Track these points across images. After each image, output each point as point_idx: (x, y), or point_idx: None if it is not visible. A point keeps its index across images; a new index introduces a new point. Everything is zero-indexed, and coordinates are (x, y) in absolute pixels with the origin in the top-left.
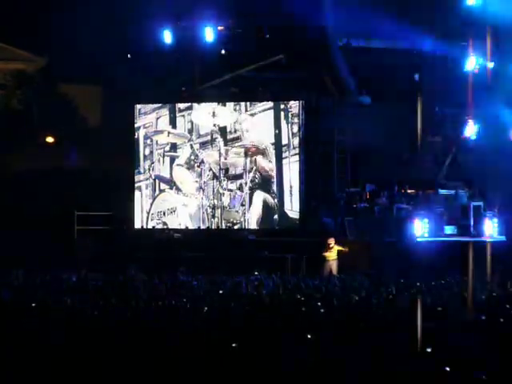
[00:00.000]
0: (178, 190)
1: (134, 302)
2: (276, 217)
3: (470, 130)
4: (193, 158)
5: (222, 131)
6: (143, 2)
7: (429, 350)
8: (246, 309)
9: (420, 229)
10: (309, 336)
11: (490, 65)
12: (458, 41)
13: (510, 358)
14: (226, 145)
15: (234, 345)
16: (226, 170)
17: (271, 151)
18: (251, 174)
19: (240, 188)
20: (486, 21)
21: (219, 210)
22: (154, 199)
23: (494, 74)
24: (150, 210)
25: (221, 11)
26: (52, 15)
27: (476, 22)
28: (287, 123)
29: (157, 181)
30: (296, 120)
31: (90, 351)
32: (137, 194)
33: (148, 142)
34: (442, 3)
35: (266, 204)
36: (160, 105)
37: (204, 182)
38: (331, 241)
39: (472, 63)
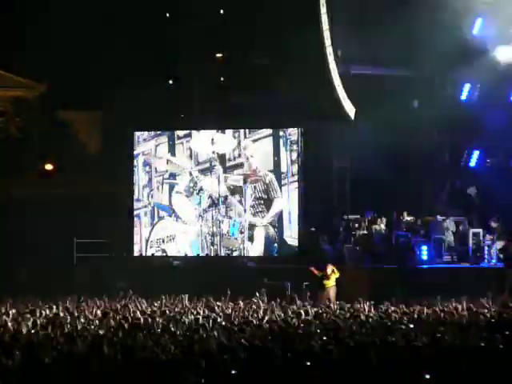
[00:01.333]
0: (177, 217)
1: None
2: (275, 244)
3: (469, 156)
4: (192, 185)
5: (221, 158)
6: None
7: None
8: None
9: (419, 255)
10: None
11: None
12: (458, 68)
13: None
14: (225, 172)
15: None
16: (225, 197)
17: (270, 178)
18: (250, 202)
19: (239, 215)
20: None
21: (218, 237)
22: (153, 226)
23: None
24: (149, 237)
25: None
26: (51, 41)
27: (475, 51)
28: (286, 150)
29: (156, 208)
30: (295, 147)
31: None
32: (135, 221)
33: (147, 169)
34: (440, 30)
35: (267, 236)
36: (159, 132)
37: (203, 210)
38: (330, 268)
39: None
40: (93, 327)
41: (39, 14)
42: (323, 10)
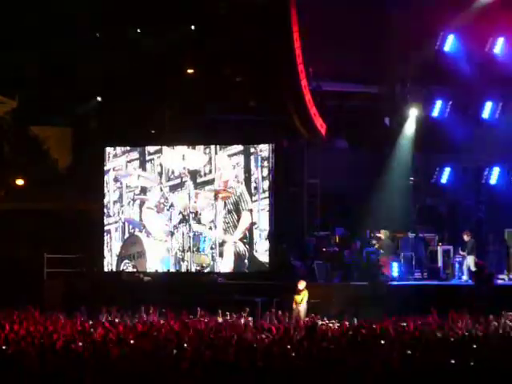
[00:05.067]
0: (148, 233)
1: None
2: (246, 261)
3: (440, 173)
4: (162, 201)
5: (192, 174)
6: None
7: None
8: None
9: (390, 272)
10: None
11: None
12: (430, 85)
13: None
14: (195, 188)
15: None
16: (196, 213)
17: (241, 193)
18: (221, 218)
19: (210, 230)
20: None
21: (189, 253)
22: (123, 242)
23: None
24: (120, 252)
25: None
26: (22, 56)
27: (448, 68)
28: (257, 166)
29: (126, 224)
30: (266, 163)
31: None
32: (106, 236)
33: (118, 184)
34: (415, 48)
35: (237, 253)
36: (130, 148)
37: (174, 226)
38: (301, 284)
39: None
40: None
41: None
42: (295, 27)
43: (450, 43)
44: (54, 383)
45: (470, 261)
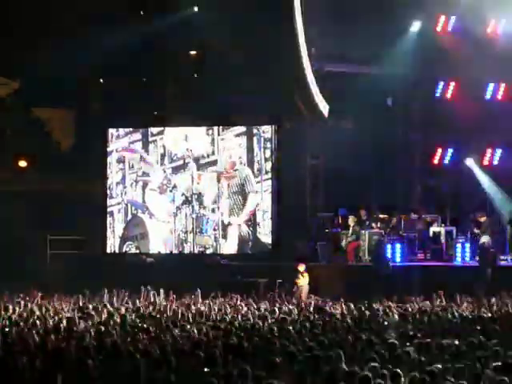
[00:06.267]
0: (151, 214)
1: None
2: (249, 242)
3: (444, 155)
4: (165, 182)
5: (195, 156)
6: None
7: None
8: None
9: (393, 253)
10: None
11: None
12: (431, 67)
13: None
14: (198, 169)
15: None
16: (199, 194)
17: (246, 175)
18: (224, 199)
19: (213, 212)
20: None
21: (192, 234)
22: (126, 224)
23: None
24: (123, 234)
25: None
26: (25, 38)
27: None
28: (260, 148)
29: (129, 205)
30: (268, 145)
31: None
32: (109, 218)
33: (120, 166)
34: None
35: (240, 234)
36: (132, 129)
37: (176, 207)
38: (301, 266)
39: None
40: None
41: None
42: (297, 7)
43: (452, 23)
44: (55, 364)
45: (484, 240)
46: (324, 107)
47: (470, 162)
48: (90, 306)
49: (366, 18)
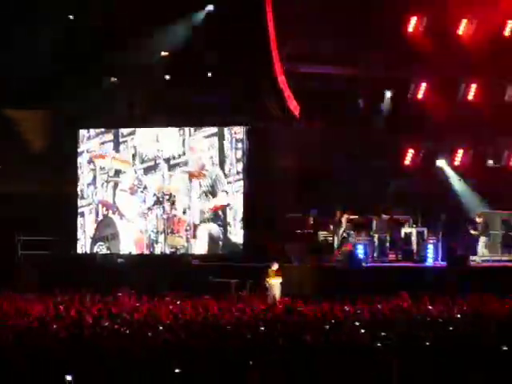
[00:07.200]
0: (121, 215)
1: None
2: (220, 242)
3: (414, 156)
4: (136, 183)
5: (166, 156)
6: None
7: None
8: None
9: (363, 254)
10: None
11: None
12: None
13: None
14: (169, 170)
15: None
16: (170, 195)
17: (217, 175)
18: (195, 199)
19: (184, 213)
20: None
21: (163, 235)
22: (97, 224)
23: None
24: (94, 235)
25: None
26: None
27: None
28: (231, 149)
29: (100, 206)
30: (240, 145)
31: None
32: (80, 219)
33: (91, 166)
34: (388, 29)
35: (211, 235)
36: (104, 130)
37: (148, 208)
38: (274, 266)
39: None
40: None
41: None
42: (269, 7)
43: (423, 27)
44: (31, 364)
45: (482, 241)
46: (295, 108)
47: (441, 163)
48: (61, 307)
49: (337, 19)
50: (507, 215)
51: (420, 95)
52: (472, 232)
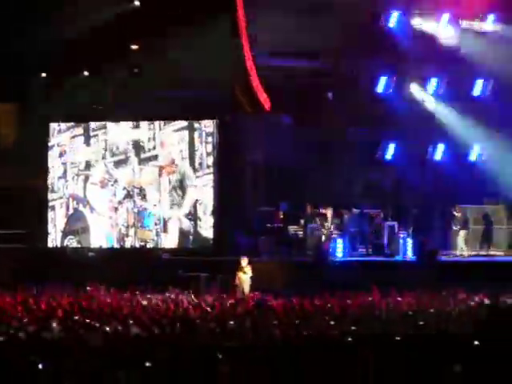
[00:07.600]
0: (92, 208)
1: None
2: (190, 237)
3: (386, 150)
4: (107, 176)
5: (136, 150)
6: None
7: None
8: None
9: (334, 249)
10: None
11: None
12: (372, 61)
13: None
14: (140, 164)
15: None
16: (140, 188)
17: (185, 170)
18: (165, 194)
19: (154, 207)
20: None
21: (133, 228)
22: (67, 218)
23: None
24: (64, 228)
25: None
26: None
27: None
28: (201, 142)
29: (70, 199)
30: (210, 139)
31: None
32: (51, 212)
33: (62, 160)
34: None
35: (181, 229)
36: (74, 123)
37: (118, 201)
38: (244, 260)
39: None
40: None
41: None
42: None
43: (394, 20)
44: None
45: (461, 235)
46: (265, 101)
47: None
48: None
49: (311, 13)
50: (488, 209)
51: (391, 89)
52: (453, 227)
